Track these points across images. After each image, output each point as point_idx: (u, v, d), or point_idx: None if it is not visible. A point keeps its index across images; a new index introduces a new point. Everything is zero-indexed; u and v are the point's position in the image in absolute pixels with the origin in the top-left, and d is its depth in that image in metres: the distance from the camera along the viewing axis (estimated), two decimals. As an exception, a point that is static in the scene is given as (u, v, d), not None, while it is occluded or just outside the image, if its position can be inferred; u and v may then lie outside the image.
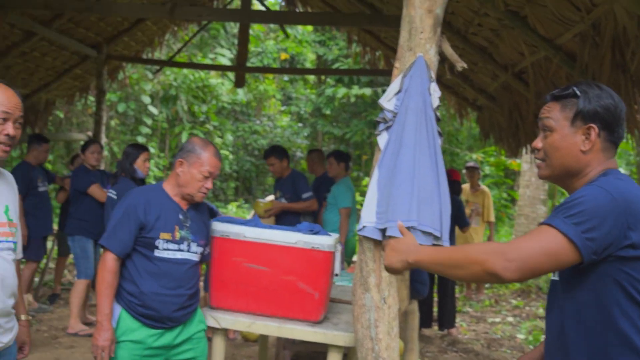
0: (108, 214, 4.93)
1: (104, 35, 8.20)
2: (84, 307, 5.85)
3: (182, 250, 2.93)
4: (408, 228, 2.59)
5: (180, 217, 2.95)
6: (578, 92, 1.79)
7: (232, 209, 14.13)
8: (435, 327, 6.72)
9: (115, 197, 4.91)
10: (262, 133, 16.57)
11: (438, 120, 2.70)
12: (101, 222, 5.35)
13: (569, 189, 1.85)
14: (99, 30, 8.00)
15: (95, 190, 5.62)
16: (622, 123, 1.81)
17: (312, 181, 6.95)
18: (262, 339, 4.47)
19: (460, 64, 2.63)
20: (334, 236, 3.33)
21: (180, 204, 2.98)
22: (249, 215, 10.71)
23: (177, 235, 2.91)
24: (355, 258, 6.71)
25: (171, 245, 2.89)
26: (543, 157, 1.85)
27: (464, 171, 8.72)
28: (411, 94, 2.63)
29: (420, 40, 2.66)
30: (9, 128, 2.15)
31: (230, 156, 15.39)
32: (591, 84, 1.82)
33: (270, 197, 6.19)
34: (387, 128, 2.71)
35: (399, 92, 2.68)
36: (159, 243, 2.87)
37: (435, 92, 2.66)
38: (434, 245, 2.60)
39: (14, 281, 2.34)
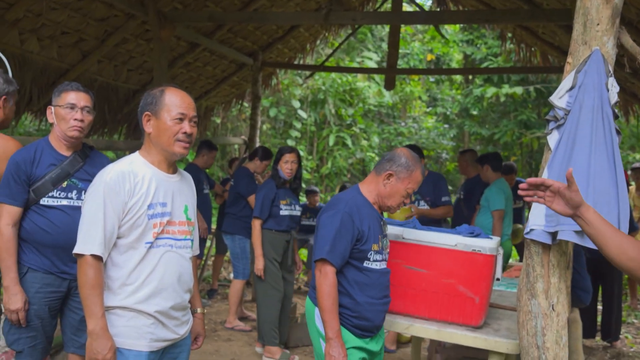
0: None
1: (260, 43, 8.59)
2: (240, 304, 6.13)
3: (384, 260, 2.91)
4: (581, 232, 2.45)
5: (381, 225, 2.91)
6: None
7: (378, 210, 14.17)
8: (598, 338, 6.29)
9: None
10: (407, 135, 16.49)
11: (616, 117, 2.53)
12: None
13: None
14: (255, 39, 8.39)
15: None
16: None
17: (464, 183, 6.78)
18: (416, 341, 4.43)
19: (643, 56, 2.45)
20: (496, 239, 3.23)
21: (378, 212, 2.92)
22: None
23: (380, 244, 2.86)
24: (510, 262, 6.47)
25: (377, 256, 2.84)
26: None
27: (629, 172, 8.10)
28: (586, 90, 2.48)
29: (596, 33, 2.51)
30: (186, 127, 2.34)
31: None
32: None
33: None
34: (558, 127, 2.58)
35: (571, 88, 2.54)
36: (371, 254, 2.80)
37: (614, 87, 2.49)
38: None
39: (191, 277, 2.51)
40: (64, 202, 2.97)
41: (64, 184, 2.99)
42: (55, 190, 2.96)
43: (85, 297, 2.21)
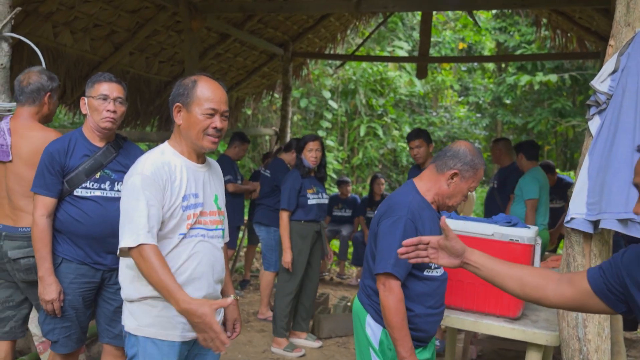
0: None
1: (290, 33, 8.55)
2: (272, 296, 6.13)
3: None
4: (626, 220, 2.37)
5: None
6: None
7: (410, 201, 14.05)
8: (639, 330, 6.15)
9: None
10: (439, 124, 16.30)
11: (661, 101, 2.43)
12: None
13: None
14: (285, 29, 8.36)
15: None
16: None
17: (497, 172, 6.66)
18: (451, 332, 4.36)
19: (690, 37, 2.34)
20: (534, 229, 3.15)
21: (437, 212, 2.70)
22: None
23: None
24: (545, 254, 6.34)
25: None
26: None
27: None
28: (630, 73, 2.39)
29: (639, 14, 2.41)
30: (217, 121, 2.31)
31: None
32: None
33: None
34: (600, 112, 2.49)
35: (614, 71, 2.45)
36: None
37: (659, 69, 2.39)
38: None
39: (223, 267, 2.50)
40: (97, 192, 2.98)
41: (97, 175, 3.00)
42: (88, 181, 2.98)
43: (158, 281, 2.15)
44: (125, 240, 2.20)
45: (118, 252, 2.28)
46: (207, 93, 2.30)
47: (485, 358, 4.95)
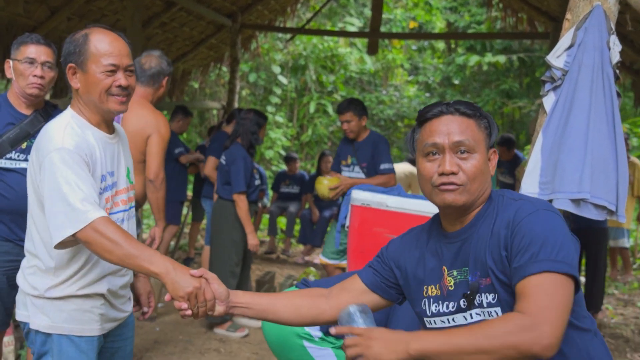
0: (219, 178, 4.90)
1: (239, 4, 8.28)
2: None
3: None
4: (578, 200, 2.31)
5: None
6: (482, 113, 1.65)
7: (358, 179, 14.06)
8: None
9: (224, 162, 4.80)
10: (389, 103, 16.28)
11: (617, 78, 2.38)
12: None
13: (464, 215, 1.66)
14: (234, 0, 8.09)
15: None
16: None
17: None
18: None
19: (649, 13, 2.28)
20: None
21: None
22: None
23: None
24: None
25: None
26: (463, 182, 1.62)
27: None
28: (586, 48, 2.32)
29: (598, -13, 2.33)
30: (121, 78, 1.99)
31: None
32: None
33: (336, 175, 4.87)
34: (555, 88, 2.42)
35: (570, 47, 2.37)
36: None
37: (616, 45, 2.33)
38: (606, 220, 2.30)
39: None
40: (23, 164, 2.76)
41: (24, 145, 2.78)
42: (13, 152, 2.76)
43: (127, 254, 1.81)
44: (66, 229, 1.84)
45: (55, 245, 1.89)
46: (103, 47, 1.97)
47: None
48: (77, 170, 1.89)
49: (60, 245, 1.89)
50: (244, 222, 4.70)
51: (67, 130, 1.95)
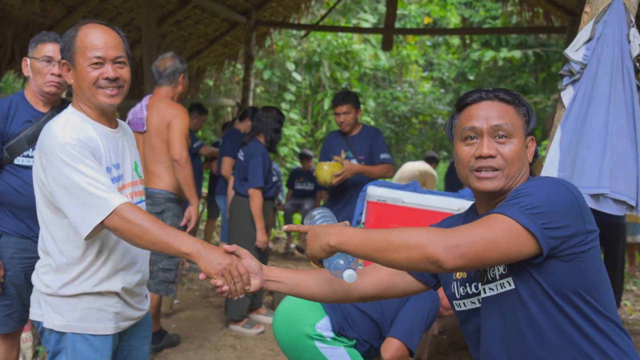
0: (236, 175, 4.91)
1: (253, 1, 8.29)
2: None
3: None
4: (598, 195, 2.28)
5: None
6: (520, 100, 1.64)
7: (373, 176, 14.03)
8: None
9: (242, 158, 4.80)
10: (403, 100, 16.23)
11: (637, 72, 2.34)
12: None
13: (499, 199, 1.63)
14: (248, -4, 8.10)
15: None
16: None
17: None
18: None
19: (670, 4, 2.24)
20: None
21: None
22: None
23: None
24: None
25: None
26: (501, 166, 1.60)
27: None
28: (605, 41, 2.28)
29: (617, -20, 2.30)
30: (108, 70, 1.96)
31: (372, 123, 15.24)
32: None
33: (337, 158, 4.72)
34: (574, 82, 2.39)
35: (589, 40, 2.34)
36: None
37: (636, 38, 2.30)
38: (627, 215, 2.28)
39: None
40: None
41: None
42: (30, 149, 2.77)
43: (157, 238, 1.82)
44: (92, 219, 1.84)
45: (85, 237, 1.88)
46: (89, 40, 1.95)
47: (448, 333, 4.91)
48: (87, 161, 1.88)
49: (90, 236, 1.89)
50: (255, 218, 4.71)
51: (67, 126, 1.94)
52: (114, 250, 2.03)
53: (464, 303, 1.70)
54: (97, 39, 1.96)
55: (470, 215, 1.76)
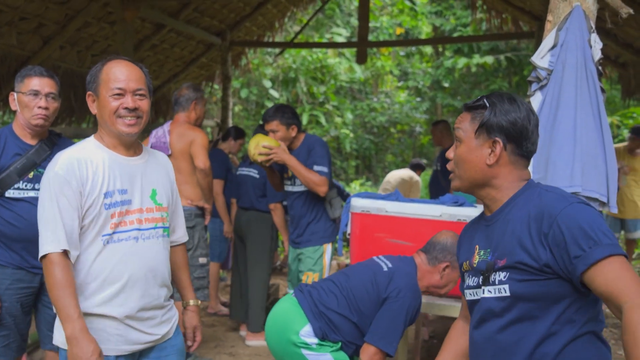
0: (247, 190, 5.04)
1: (227, 22, 8.38)
2: (217, 287, 5.99)
3: None
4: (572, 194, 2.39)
5: None
6: (487, 104, 1.72)
7: (355, 187, 14.14)
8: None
9: (258, 176, 5.00)
10: (380, 110, 16.40)
11: (600, 75, 2.47)
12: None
13: (481, 198, 1.80)
14: (222, 18, 8.19)
15: (217, 183, 5.51)
16: (531, 136, 1.74)
17: (439, 154, 6.72)
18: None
19: (626, 10, 2.38)
20: (480, 207, 3.17)
21: None
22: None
23: None
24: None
25: None
26: (452, 168, 1.80)
27: (628, 134, 8.14)
28: (569, 48, 2.41)
29: (576, -11, 2.43)
30: (128, 101, 2.09)
31: (351, 135, 15.38)
32: (503, 96, 1.73)
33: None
34: (541, 88, 2.51)
35: (553, 47, 2.47)
36: None
37: (597, 43, 2.43)
38: (599, 212, 2.39)
39: (167, 270, 2.24)
40: (31, 193, 2.83)
41: (31, 175, 2.85)
42: (21, 182, 2.83)
43: (56, 299, 1.97)
44: (41, 248, 2.03)
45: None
46: (113, 73, 2.10)
47: (438, 338, 5.00)
48: (62, 197, 2.02)
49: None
50: (281, 230, 4.95)
51: (62, 157, 2.09)
52: (116, 270, 2.08)
53: (469, 293, 1.83)
54: (120, 73, 2.10)
55: (481, 221, 1.87)
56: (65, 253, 2.01)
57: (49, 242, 2.00)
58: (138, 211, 2.15)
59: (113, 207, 2.08)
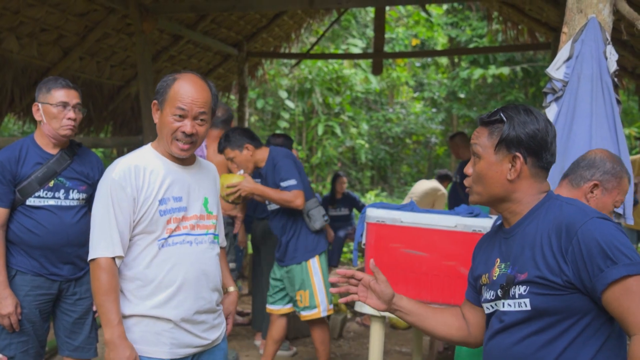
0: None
1: (244, 33, 8.47)
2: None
3: None
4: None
5: None
6: (504, 118, 1.69)
7: (370, 197, 14.14)
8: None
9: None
10: (396, 121, 16.42)
11: (616, 86, 2.47)
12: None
13: (500, 211, 1.79)
14: (239, 29, 8.27)
15: None
16: (550, 147, 1.71)
17: (458, 166, 6.71)
18: (418, 326, 4.36)
19: (642, 22, 2.38)
20: (496, 218, 3.16)
21: None
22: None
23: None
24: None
25: None
26: (470, 184, 1.79)
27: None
28: (584, 59, 2.42)
29: (591, 1, 2.44)
30: (187, 125, 2.10)
31: (366, 145, 15.40)
32: (519, 108, 1.70)
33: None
34: (557, 99, 2.52)
35: (568, 59, 2.47)
36: None
37: (612, 55, 2.43)
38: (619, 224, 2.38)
39: (218, 274, 2.29)
40: (51, 201, 2.88)
41: (51, 183, 2.90)
42: (41, 190, 2.88)
43: (100, 304, 2.04)
44: (90, 252, 2.09)
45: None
46: (181, 91, 2.09)
47: (452, 350, 4.98)
48: (117, 202, 2.07)
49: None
50: None
51: (119, 163, 2.13)
52: (171, 273, 2.13)
53: (486, 307, 1.81)
54: (187, 93, 2.10)
55: (499, 233, 1.85)
56: (114, 259, 2.07)
57: (103, 247, 2.06)
58: (194, 218, 2.20)
59: (168, 213, 2.13)
